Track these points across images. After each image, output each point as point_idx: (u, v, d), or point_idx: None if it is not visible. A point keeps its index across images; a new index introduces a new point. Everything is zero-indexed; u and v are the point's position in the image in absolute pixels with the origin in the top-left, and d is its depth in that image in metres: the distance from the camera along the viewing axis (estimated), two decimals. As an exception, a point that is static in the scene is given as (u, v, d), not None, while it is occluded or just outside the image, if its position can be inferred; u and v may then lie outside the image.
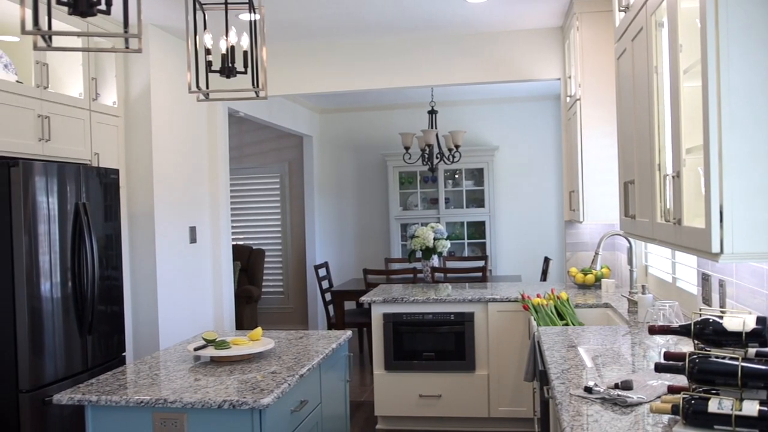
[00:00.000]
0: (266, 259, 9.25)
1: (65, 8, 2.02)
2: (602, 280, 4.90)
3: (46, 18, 2.18)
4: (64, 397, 2.57)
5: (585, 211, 4.79)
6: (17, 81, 4.08)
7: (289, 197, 9.31)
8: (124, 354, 4.51)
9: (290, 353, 3.13)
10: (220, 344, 3.00)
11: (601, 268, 5.12)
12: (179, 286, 5.36)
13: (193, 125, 5.68)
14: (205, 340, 3.07)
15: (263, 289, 9.14)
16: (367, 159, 9.25)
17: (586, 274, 5.09)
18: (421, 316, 5.00)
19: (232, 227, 8.45)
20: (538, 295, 4.46)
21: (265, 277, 9.27)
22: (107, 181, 4.38)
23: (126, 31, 2.00)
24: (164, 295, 5.12)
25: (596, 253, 4.16)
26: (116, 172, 4.49)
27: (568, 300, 4.28)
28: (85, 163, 4.50)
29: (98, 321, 4.21)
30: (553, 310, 4.18)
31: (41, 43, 2.07)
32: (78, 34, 2.04)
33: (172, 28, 5.16)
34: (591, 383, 2.30)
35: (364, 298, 5.09)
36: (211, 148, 5.94)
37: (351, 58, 5.83)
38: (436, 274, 7.03)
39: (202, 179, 5.82)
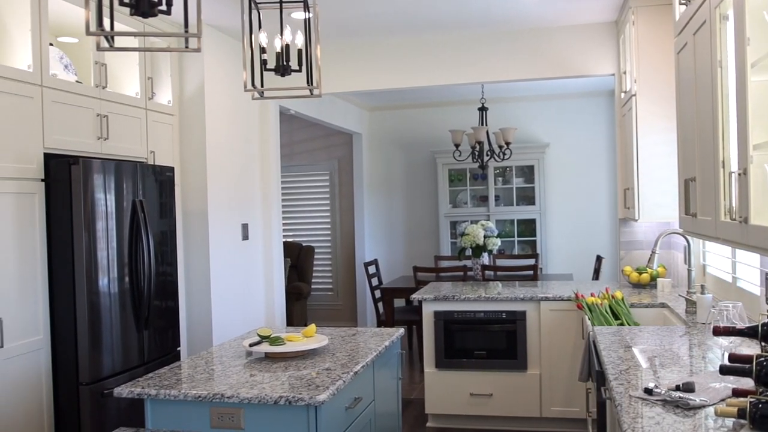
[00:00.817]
0: (315, 256, 9.31)
1: (120, 10, 2.05)
2: (658, 279, 4.81)
3: (107, 19, 2.21)
4: (124, 391, 2.62)
5: (641, 209, 4.70)
6: (77, 81, 4.18)
7: (339, 195, 9.35)
8: (178, 349, 4.59)
9: (343, 350, 3.14)
10: (275, 340, 3.02)
11: (658, 267, 5.02)
12: (232, 283, 5.42)
13: (246, 123, 5.74)
14: (259, 336, 3.10)
15: (312, 286, 9.20)
16: (416, 156, 9.24)
17: (641, 273, 4.99)
18: (473, 314, 4.98)
19: (283, 224, 8.52)
20: (592, 294, 4.39)
21: (314, 274, 9.33)
22: (162, 179, 4.45)
23: (186, 31, 2.03)
24: (217, 292, 5.18)
25: (653, 252, 4.08)
26: (171, 169, 4.56)
27: (623, 299, 4.21)
28: (142, 161, 4.58)
29: (154, 316, 4.29)
30: (608, 310, 4.11)
31: (104, 43, 2.11)
32: (140, 35, 2.07)
33: (225, 27, 5.22)
34: (651, 385, 2.25)
35: (415, 296, 5.09)
36: (262, 145, 6.00)
37: (403, 56, 5.82)
38: (486, 272, 6.98)
39: (254, 177, 5.88)
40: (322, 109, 7.46)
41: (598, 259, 7.33)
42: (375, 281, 7.89)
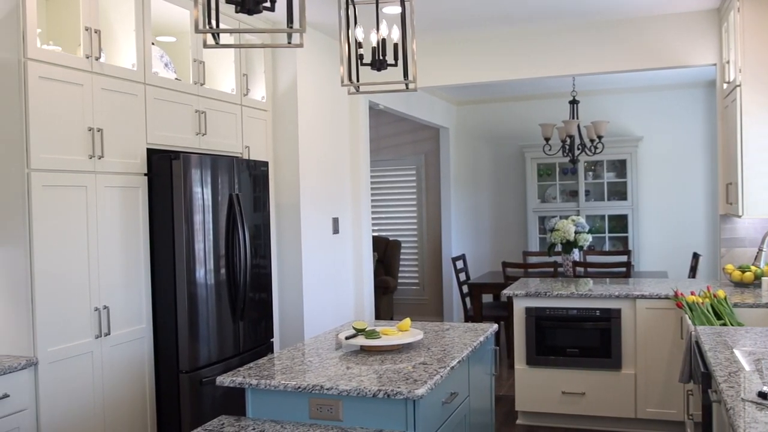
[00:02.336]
0: (402, 251, 9.34)
1: (223, 10, 2.09)
2: (763, 278, 4.59)
3: (206, 17, 2.26)
4: (226, 380, 2.69)
5: (744, 205, 4.51)
6: (176, 79, 4.31)
7: (425, 189, 9.34)
8: (272, 340, 4.68)
9: (438, 345, 3.14)
10: (370, 334, 3.04)
11: (764, 265, 4.80)
12: (322, 276, 5.49)
13: (336, 119, 5.80)
14: (355, 329, 3.12)
15: (399, 280, 9.24)
16: (504, 150, 9.13)
17: (744, 272, 4.78)
18: (565, 311, 4.88)
19: (370, 219, 8.58)
20: (692, 293, 4.24)
21: (400, 269, 9.36)
22: (257, 173, 4.54)
23: (290, 27, 2.05)
24: (308, 284, 5.26)
25: (760, 250, 3.90)
26: (266, 164, 4.65)
27: (725, 298, 4.05)
28: (237, 156, 4.69)
29: (249, 308, 4.39)
30: (710, 309, 3.96)
31: (210, 41, 2.16)
32: (250, 31, 2.11)
33: (317, 24, 5.28)
34: (766, 389, 2.15)
35: (506, 292, 5.03)
36: (352, 140, 6.05)
37: (494, 49, 5.75)
38: (577, 269, 6.85)
39: (344, 171, 5.94)
40: (410, 104, 7.46)
41: (695, 256, 7.07)
42: (462, 276, 7.85)
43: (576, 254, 7.03)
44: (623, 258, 7.79)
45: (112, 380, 3.62)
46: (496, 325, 3.59)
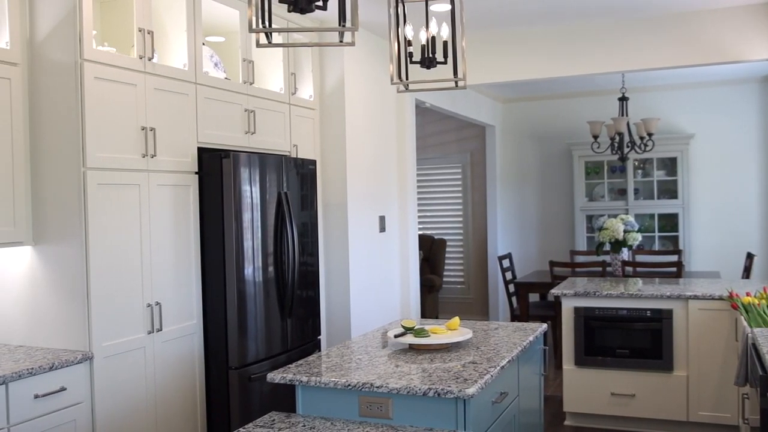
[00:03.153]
0: (447, 249, 9.31)
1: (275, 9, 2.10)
2: (822, 279, 4.46)
3: (259, 17, 2.28)
4: (276, 376, 2.71)
5: (803, 204, 4.38)
6: (225, 78, 4.36)
7: (471, 187, 9.30)
8: (319, 338, 4.70)
9: (487, 344, 3.12)
10: (420, 332, 3.03)
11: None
12: (369, 274, 5.51)
13: (383, 117, 5.80)
14: (403, 327, 3.12)
15: (443, 279, 9.21)
16: (551, 148, 9.04)
17: (801, 272, 4.65)
18: (615, 311, 4.81)
19: (415, 217, 8.57)
20: (747, 294, 4.14)
21: (445, 267, 9.33)
22: (304, 172, 4.57)
23: (343, 25, 2.06)
24: (355, 282, 5.28)
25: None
26: (314, 162, 4.67)
27: (783, 300, 3.94)
28: (285, 155, 4.72)
29: (297, 305, 4.42)
30: (766, 311, 3.86)
31: (263, 40, 2.18)
32: (301, 30, 2.12)
33: (364, 22, 5.28)
34: (829, 392, 2.09)
35: (554, 291, 4.98)
36: (399, 139, 6.05)
37: (543, 46, 5.67)
38: (626, 268, 6.74)
39: (391, 169, 5.94)
40: (455, 102, 7.43)
41: (749, 256, 6.91)
42: (508, 275, 7.80)
43: (625, 254, 6.93)
44: (674, 258, 7.64)
45: (164, 375, 3.68)
46: (545, 325, 3.55)
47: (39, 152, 3.36)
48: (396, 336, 3.07)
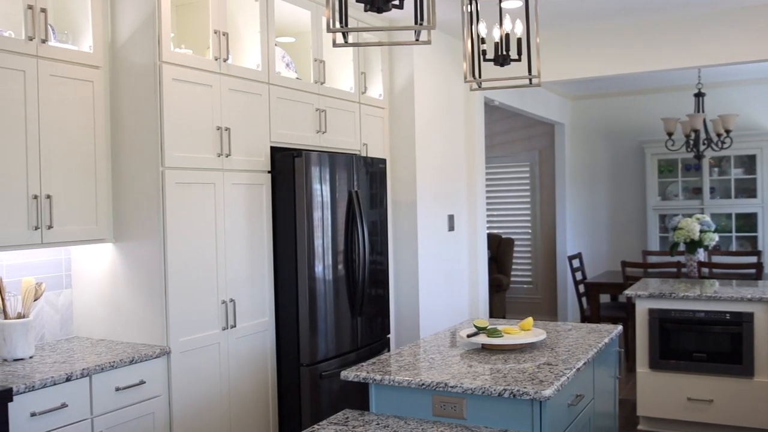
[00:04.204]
0: (515, 249, 9.21)
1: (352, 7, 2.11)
2: None
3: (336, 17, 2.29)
4: (350, 374, 2.73)
5: None
6: (297, 78, 4.40)
7: (539, 186, 9.18)
8: (388, 336, 4.71)
9: (562, 345, 3.07)
10: (493, 332, 3.01)
11: None
12: (437, 273, 5.49)
13: (452, 115, 5.78)
14: (476, 327, 3.10)
15: (511, 278, 9.11)
16: (622, 146, 8.84)
17: None
18: (692, 313, 4.67)
19: (482, 216, 8.51)
20: (835, 297, 3.96)
21: (513, 267, 9.23)
22: (374, 170, 4.58)
23: (420, 23, 2.05)
24: (424, 281, 5.27)
25: None
26: (384, 161, 4.68)
27: None
28: (355, 153, 4.75)
29: (367, 304, 4.44)
30: None
31: (340, 40, 2.19)
32: (379, 29, 2.13)
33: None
34: None
35: (628, 292, 4.87)
36: (468, 137, 6.01)
37: (615, 41, 5.54)
38: (702, 269, 6.54)
39: (460, 168, 5.91)
40: (524, 99, 7.34)
41: (834, 258, 6.62)
42: (579, 275, 7.66)
43: (701, 254, 6.72)
44: (753, 259, 7.38)
45: (237, 371, 3.74)
46: (620, 327, 3.48)
47: (119, 152, 3.47)
48: (469, 336, 3.05)
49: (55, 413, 2.83)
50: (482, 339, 2.99)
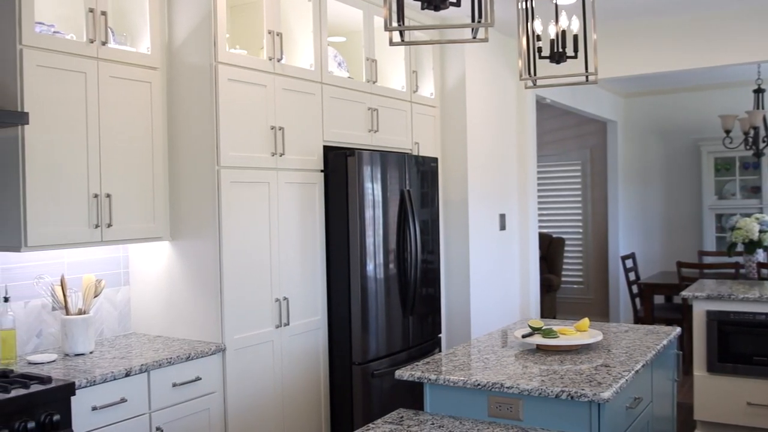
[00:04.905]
0: (566, 248, 9.09)
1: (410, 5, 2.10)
2: None
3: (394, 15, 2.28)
4: (405, 374, 2.72)
5: None
6: (348, 77, 4.42)
7: (591, 185, 9.04)
8: (439, 336, 4.69)
9: (619, 347, 3.01)
10: (548, 333, 2.97)
11: None
12: (489, 272, 5.45)
13: (504, 114, 5.73)
14: (531, 327, 3.06)
15: (562, 278, 9.00)
16: (676, 144, 8.66)
17: None
18: (752, 315, 4.55)
19: (533, 215, 8.42)
20: None
21: (564, 266, 9.11)
22: (425, 169, 4.57)
23: (479, 21, 2.04)
24: (475, 281, 5.24)
25: None
26: (435, 160, 4.67)
27: None
28: (407, 152, 4.74)
29: (419, 303, 4.43)
30: None
31: (396, 38, 2.18)
32: (435, 27, 2.12)
33: (486, 18, 5.22)
34: None
35: (684, 293, 4.76)
36: (519, 136, 5.95)
37: (674, 37, 5.41)
38: (762, 271, 6.36)
39: (511, 167, 5.86)
40: (576, 97, 7.24)
41: None
42: (632, 276, 7.53)
43: (760, 255, 6.54)
44: (814, 260, 7.15)
45: (290, 368, 3.77)
46: (678, 329, 3.40)
47: (176, 152, 3.52)
48: (524, 336, 3.01)
49: (114, 407, 2.89)
50: (537, 339, 2.96)
